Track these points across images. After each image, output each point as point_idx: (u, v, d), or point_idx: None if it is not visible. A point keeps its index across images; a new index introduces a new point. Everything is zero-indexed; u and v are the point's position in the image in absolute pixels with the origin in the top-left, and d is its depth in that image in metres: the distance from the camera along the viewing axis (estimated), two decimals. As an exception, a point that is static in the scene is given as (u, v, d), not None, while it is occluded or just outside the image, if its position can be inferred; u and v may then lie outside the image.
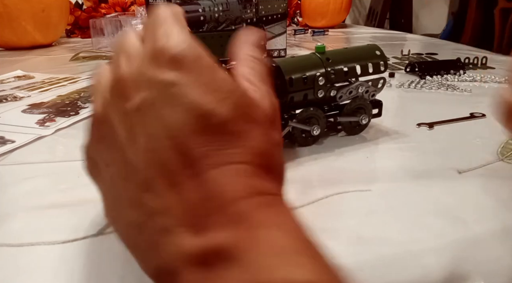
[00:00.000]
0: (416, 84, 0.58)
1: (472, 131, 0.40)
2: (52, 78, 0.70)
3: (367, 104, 0.38)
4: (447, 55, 0.79)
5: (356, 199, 0.28)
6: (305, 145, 0.37)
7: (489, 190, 0.29)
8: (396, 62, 0.76)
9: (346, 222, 0.26)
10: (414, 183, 0.30)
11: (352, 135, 0.39)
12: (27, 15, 1.03)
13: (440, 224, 0.25)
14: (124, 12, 1.24)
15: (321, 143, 0.38)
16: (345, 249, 0.23)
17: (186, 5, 0.70)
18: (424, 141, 0.38)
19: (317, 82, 0.34)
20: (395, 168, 0.33)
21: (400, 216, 0.26)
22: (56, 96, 0.58)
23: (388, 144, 0.38)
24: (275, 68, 0.34)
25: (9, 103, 0.55)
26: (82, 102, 0.55)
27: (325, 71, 0.35)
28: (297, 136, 0.36)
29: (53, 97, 0.57)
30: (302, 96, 0.35)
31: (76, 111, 0.50)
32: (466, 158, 0.34)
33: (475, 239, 0.24)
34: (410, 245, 0.23)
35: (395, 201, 0.28)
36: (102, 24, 1.05)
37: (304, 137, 0.37)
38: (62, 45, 1.16)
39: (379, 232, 0.25)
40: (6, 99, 0.56)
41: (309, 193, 0.29)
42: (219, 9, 0.72)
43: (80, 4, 1.31)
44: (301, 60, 0.36)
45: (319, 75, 0.34)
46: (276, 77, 0.33)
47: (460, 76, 0.61)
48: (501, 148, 0.36)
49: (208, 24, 0.69)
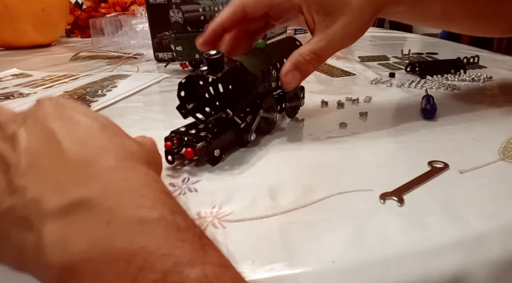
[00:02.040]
0: (417, 84, 0.58)
1: (473, 130, 0.40)
2: (51, 75, 0.70)
3: (299, 90, 0.44)
4: (447, 54, 0.79)
5: (357, 199, 0.28)
6: (268, 133, 0.40)
7: (491, 190, 0.29)
8: (396, 62, 0.76)
9: (346, 222, 0.26)
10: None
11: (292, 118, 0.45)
12: (27, 15, 1.03)
13: (442, 224, 0.25)
14: (124, 12, 1.24)
15: (320, 142, 0.38)
16: (345, 249, 0.23)
17: (186, 5, 0.70)
18: (425, 140, 0.38)
19: (271, 74, 0.39)
20: (396, 167, 0.33)
21: (401, 216, 0.26)
22: (62, 92, 0.58)
23: (389, 143, 0.38)
24: (240, 66, 0.35)
25: (17, 100, 0.55)
26: (91, 96, 0.55)
27: (273, 64, 0.39)
28: (262, 125, 0.38)
29: (60, 93, 0.58)
30: (262, 88, 0.39)
31: (88, 105, 0.51)
32: (467, 157, 0.34)
33: (478, 239, 0.24)
34: (412, 245, 0.23)
35: (395, 201, 0.28)
36: (102, 24, 1.05)
37: (266, 125, 0.40)
38: (62, 45, 1.16)
39: (380, 232, 0.24)
40: (13, 96, 0.57)
41: (310, 193, 0.29)
42: (219, 9, 0.72)
43: (80, 4, 1.31)
44: (254, 56, 0.38)
45: (272, 68, 0.39)
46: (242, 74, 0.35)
47: (460, 76, 0.61)
48: (503, 148, 0.36)
49: (208, 24, 0.69)
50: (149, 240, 0.17)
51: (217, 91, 0.33)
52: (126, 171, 0.20)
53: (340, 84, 0.61)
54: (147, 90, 0.60)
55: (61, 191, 0.18)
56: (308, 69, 0.37)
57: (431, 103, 0.45)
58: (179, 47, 0.63)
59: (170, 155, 0.33)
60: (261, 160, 0.35)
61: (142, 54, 0.91)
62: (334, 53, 0.39)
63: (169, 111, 0.51)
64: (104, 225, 0.17)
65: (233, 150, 0.36)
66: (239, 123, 0.35)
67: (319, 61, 0.37)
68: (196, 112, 0.35)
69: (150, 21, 0.79)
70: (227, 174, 0.32)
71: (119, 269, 0.16)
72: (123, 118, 0.48)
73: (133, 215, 0.17)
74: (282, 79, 0.36)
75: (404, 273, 0.22)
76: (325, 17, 0.36)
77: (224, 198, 0.29)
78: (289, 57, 0.37)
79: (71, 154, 0.20)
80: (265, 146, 0.38)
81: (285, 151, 0.37)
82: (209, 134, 0.33)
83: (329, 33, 0.36)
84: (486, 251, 0.23)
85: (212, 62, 0.33)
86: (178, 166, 0.34)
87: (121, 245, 0.16)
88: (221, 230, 0.25)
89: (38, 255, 0.17)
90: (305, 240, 0.24)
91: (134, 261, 0.16)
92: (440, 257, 0.23)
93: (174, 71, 0.71)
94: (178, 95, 0.35)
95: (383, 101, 0.51)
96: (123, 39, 1.02)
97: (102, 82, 0.64)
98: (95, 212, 0.17)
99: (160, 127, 0.46)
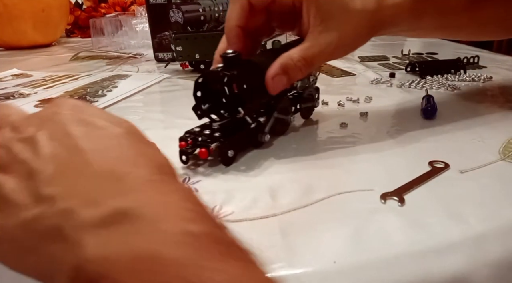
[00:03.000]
0: (417, 84, 0.58)
1: (473, 130, 0.40)
2: (51, 75, 0.70)
3: (314, 90, 0.43)
4: (447, 54, 0.79)
5: (358, 199, 0.28)
6: (282, 134, 0.40)
7: (492, 190, 0.29)
8: (397, 62, 0.76)
9: (347, 222, 0.26)
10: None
11: (306, 119, 0.44)
12: (27, 15, 1.03)
13: (442, 224, 0.25)
14: (124, 12, 1.24)
15: (321, 142, 0.38)
16: (346, 249, 0.23)
17: (186, 5, 0.70)
18: (425, 140, 0.38)
19: None
20: (397, 167, 0.33)
21: (401, 216, 0.26)
22: (63, 92, 0.58)
23: (390, 143, 0.38)
24: (256, 65, 0.35)
25: (17, 100, 0.55)
26: (91, 96, 0.55)
27: None
28: (276, 126, 0.38)
29: (61, 93, 0.58)
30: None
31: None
32: (467, 157, 0.34)
33: (478, 239, 0.24)
34: (412, 245, 0.23)
35: (396, 201, 0.28)
36: (102, 24, 1.05)
37: (281, 126, 0.39)
38: (62, 45, 1.16)
39: (381, 232, 0.25)
40: (13, 96, 0.57)
41: (310, 193, 0.29)
42: (219, 9, 0.72)
43: (80, 4, 1.31)
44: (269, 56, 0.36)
45: None
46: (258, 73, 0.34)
47: (460, 76, 0.61)
48: (503, 148, 0.36)
49: (208, 24, 0.69)
50: (198, 254, 0.16)
51: (232, 90, 0.33)
52: (161, 185, 0.19)
53: (340, 84, 0.61)
54: (147, 90, 0.60)
55: (96, 203, 0.17)
56: (296, 75, 0.35)
57: (431, 103, 0.45)
58: (179, 47, 0.63)
59: (184, 155, 0.33)
60: (266, 161, 0.35)
61: (142, 54, 0.91)
62: (323, 63, 0.38)
63: (169, 111, 0.51)
64: (149, 237, 0.16)
65: (247, 150, 0.36)
66: (249, 123, 0.35)
67: (308, 69, 0.35)
68: (211, 113, 0.35)
69: (150, 21, 0.79)
70: (227, 174, 0.32)
71: (166, 281, 0.15)
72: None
73: (179, 227, 0.16)
74: (268, 82, 0.34)
75: (404, 273, 0.22)
76: (321, 23, 0.35)
77: (225, 198, 0.29)
78: (278, 59, 0.34)
79: (98, 164, 0.19)
80: (278, 147, 0.37)
81: (286, 151, 0.37)
82: (223, 134, 0.33)
83: (323, 41, 0.35)
84: (486, 251, 0.24)
85: (229, 60, 0.33)
86: (192, 166, 0.34)
87: (169, 257, 0.15)
88: (222, 230, 0.25)
89: (75, 266, 0.16)
90: (306, 240, 0.24)
91: (182, 273, 0.15)
92: (441, 257, 0.23)
93: (174, 71, 0.71)
94: (194, 95, 0.34)
95: (383, 101, 0.51)
96: (123, 39, 1.02)
97: (102, 82, 0.64)
98: (138, 224, 0.16)
99: (160, 127, 0.46)
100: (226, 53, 0.33)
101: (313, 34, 0.35)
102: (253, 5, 0.36)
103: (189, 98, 0.35)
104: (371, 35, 0.38)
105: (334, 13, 0.35)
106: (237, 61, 0.33)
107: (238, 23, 0.36)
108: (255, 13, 0.37)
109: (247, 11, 0.36)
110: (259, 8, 0.37)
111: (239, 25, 0.37)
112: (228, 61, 0.33)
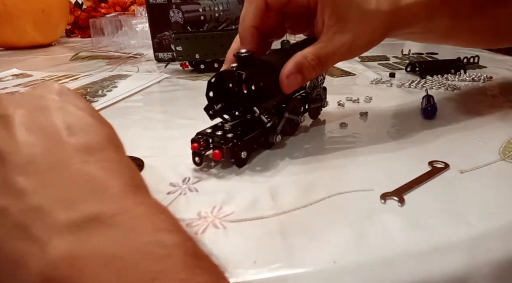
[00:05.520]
0: (417, 84, 0.58)
1: (473, 130, 0.40)
2: (51, 75, 0.70)
3: (322, 90, 0.43)
4: (447, 54, 0.79)
5: (358, 199, 0.28)
6: (292, 134, 0.40)
7: (492, 190, 0.29)
8: (397, 62, 0.76)
9: (347, 222, 0.26)
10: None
11: (314, 119, 0.44)
12: (27, 15, 1.03)
13: (442, 224, 0.25)
14: (124, 12, 1.24)
15: (321, 142, 0.38)
16: (346, 249, 0.23)
17: (186, 5, 0.70)
18: (425, 140, 0.38)
19: None
20: (397, 167, 0.33)
21: (401, 215, 0.26)
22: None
23: (390, 143, 0.38)
24: (270, 65, 0.35)
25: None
26: (91, 96, 0.55)
27: None
28: (287, 127, 0.38)
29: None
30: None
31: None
32: (468, 157, 0.34)
33: (478, 238, 0.24)
34: (413, 245, 0.23)
35: (396, 201, 0.28)
36: (102, 23, 1.05)
37: (291, 126, 0.39)
38: (62, 44, 1.16)
39: (381, 232, 0.24)
40: None
41: (310, 193, 0.29)
42: (219, 8, 0.72)
43: (80, 4, 1.31)
44: (282, 56, 0.36)
45: None
46: (272, 73, 0.34)
47: (460, 76, 0.61)
48: (503, 148, 0.36)
49: (208, 24, 0.69)
50: (168, 265, 0.16)
51: (249, 88, 0.32)
52: (137, 196, 0.19)
53: (340, 84, 0.61)
54: (147, 90, 0.60)
55: (71, 204, 0.17)
56: (310, 74, 0.35)
57: (432, 103, 0.45)
58: (179, 47, 0.63)
59: (197, 156, 0.33)
60: (266, 161, 0.35)
61: (142, 54, 0.91)
62: (337, 63, 0.38)
63: (169, 111, 0.51)
64: (121, 245, 0.16)
65: (258, 151, 0.36)
66: (265, 122, 0.34)
67: (322, 68, 0.35)
68: (224, 113, 0.34)
69: (150, 21, 0.79)
70: (227, 174, 0.32)
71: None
72: (123, 118, 0.48)
73: (152, 237, 0.16)
74: (283, 81, 0.34)
75: (405, 273, 0.22)
76: (336, 23, 0.35)
77: (225, 198, 0.29)
78: (292, 58, 0.34)
79: (77, 166, 0.18)
80: (279, 147, 0.37)
81: (285, 152, 0.37)
82: (236, 135, 0.33)
83: (337, 42, 0.35)
84: (487, 251, 0.23)
85: (243, 59, 0.33)
86: (205, 168, 0.33)
87: (139, 267, 0.15)
88: (222, 230, 0.25)
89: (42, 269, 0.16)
90: (306, 240, 0.24)
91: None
92: (441, 257, 0.23)
93: (174, 71, 0.71)
94: (206, 95, 0.34)
95: (383, 101, 0.51)
96: (123, 39, 1.02)
97: (102, 82, 0.64)
98: (111, 231, 0.16)
99: (160, 127, 0.46)
100: (240, 53, 0.33)
101: (328, 34, 0.35)
102: (269, 5, 0.36)
103: (189, 98, 0.35)
104: (385, 36, 0.38)
105: (349, 14, 0.35)
106: (251, 60, 0.33)
107: (253, 23, 0.36)
108: (270, 14, 0.37)
109: (263, 11, 0.36)
110: (275, 8, 0.37)
111: (254, 25, 0.36)
112: (243, 60, 0.33)
